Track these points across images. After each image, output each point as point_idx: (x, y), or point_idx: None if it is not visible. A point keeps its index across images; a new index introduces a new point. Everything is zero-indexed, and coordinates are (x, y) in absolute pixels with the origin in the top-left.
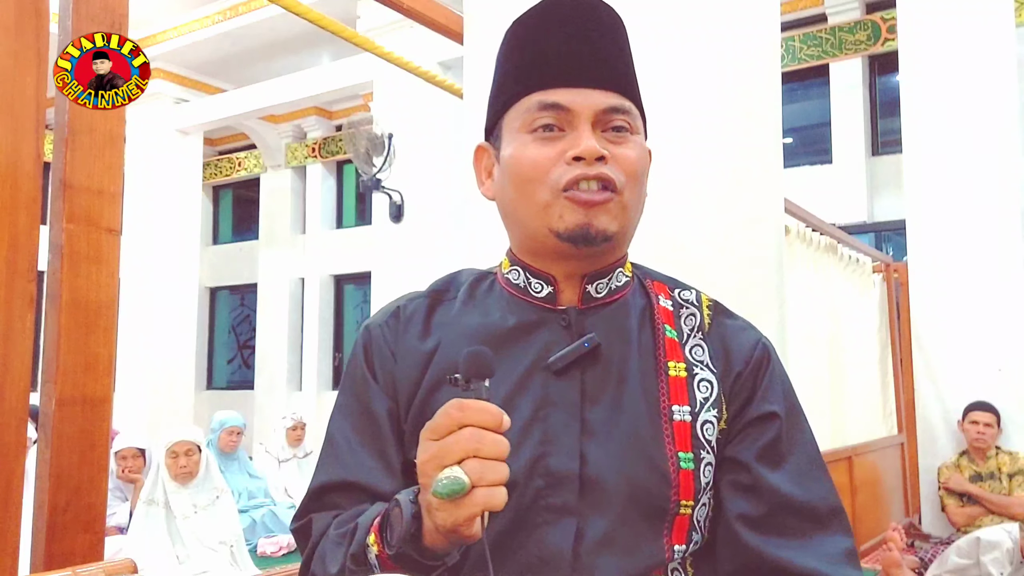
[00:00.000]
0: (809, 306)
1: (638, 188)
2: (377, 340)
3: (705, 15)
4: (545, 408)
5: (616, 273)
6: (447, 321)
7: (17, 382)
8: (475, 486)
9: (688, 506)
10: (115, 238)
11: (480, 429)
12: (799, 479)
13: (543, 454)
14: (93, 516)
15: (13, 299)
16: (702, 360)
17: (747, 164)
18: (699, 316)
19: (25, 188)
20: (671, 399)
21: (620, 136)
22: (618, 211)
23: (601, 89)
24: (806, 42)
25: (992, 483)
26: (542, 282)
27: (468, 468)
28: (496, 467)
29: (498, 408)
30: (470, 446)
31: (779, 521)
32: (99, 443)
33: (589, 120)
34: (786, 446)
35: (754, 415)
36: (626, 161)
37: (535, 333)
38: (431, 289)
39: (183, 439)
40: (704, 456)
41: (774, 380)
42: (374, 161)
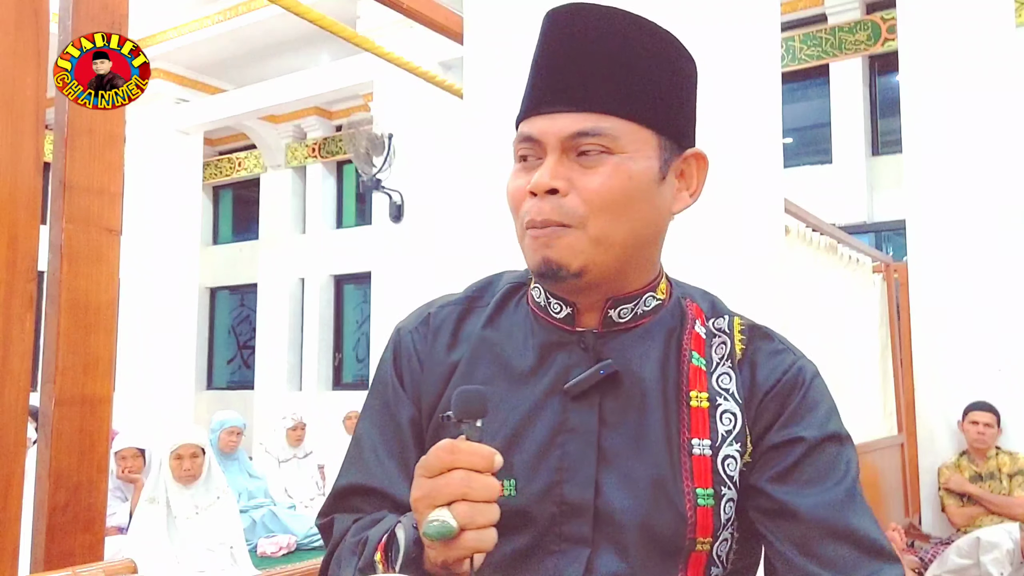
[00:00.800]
0: (809, 306)
1: (609, 216)
2: (407, 346)
3: (705, 15)
4: (562, 434)
5: (644, 298)
6: (474, 333)
7: (17, 382)
8: (464, 529)
9: (705, 543)
10: (115, 238)
11: (470, 472)
12: (834, 505)
13: (558, 481)
14: (93, 516)
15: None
16: (728, 389)
17: (747, 164)
18: (730, 343)
19: (25, 188)
20: (691, 432)
21: (592, 160)
22: (578, 244)
23: (572, 111)
24: (806, 42)
25: (992, 483)
26: (561, 303)
27: (457, 511)
28: (485, 510)
29: (489, 449)
30: (459, 489)
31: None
32: (99, 443)
33: (557, 148)
34: (814, 472)
35: (777, 440)
36: (587, 192)
37: (554, 355)
38: (465, 295)
39: (188, 442)
40: (725, 492)
41: (806, 405)
42: (374, 161)
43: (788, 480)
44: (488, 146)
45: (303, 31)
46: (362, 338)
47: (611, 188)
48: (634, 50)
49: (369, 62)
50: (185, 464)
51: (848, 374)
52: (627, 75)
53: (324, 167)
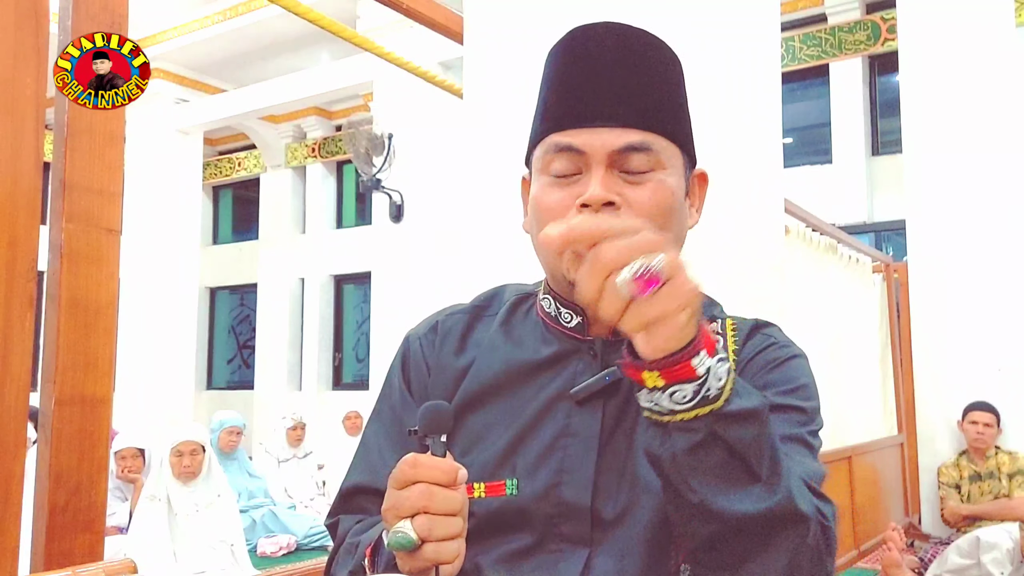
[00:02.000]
0: (809, 306)
1: (659, 231)
2: (415, 352)
3: (705, 15)
4: (565, 437)
5: None
6: (483, 341)
7: (17, 382)
8: (424, 541)
9: None
10: (115, 238)
11: (431, 486)
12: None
13: (558, 483)
14: (93, 516)
15: (13, 299)
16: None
17: (747, 164)
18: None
19: (25, 188)
20: None
21: (639, 177)
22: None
23: (619, 127)
24: (806, 42)
25: (992, 483)
26: (572, 312)
27: (417, 524)
28: (446, 523)
29: (452, 464)
30: (420, 503)
31: None
32: (99, 443)
33: (603, 162)
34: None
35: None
36: (639, 205)
37: (564, 362)
38: (473, 304)
39: (189, 439)
40: None
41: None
42: (374, 161)
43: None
44: (488, 146)
45: (303, 31)
46: (362, 338)
47: (659, 203)
48: (656, 68)
49: (369, 62)
50: (185, 461)
51: (848, 374)
52: (659, 95)
53: (324, 167)
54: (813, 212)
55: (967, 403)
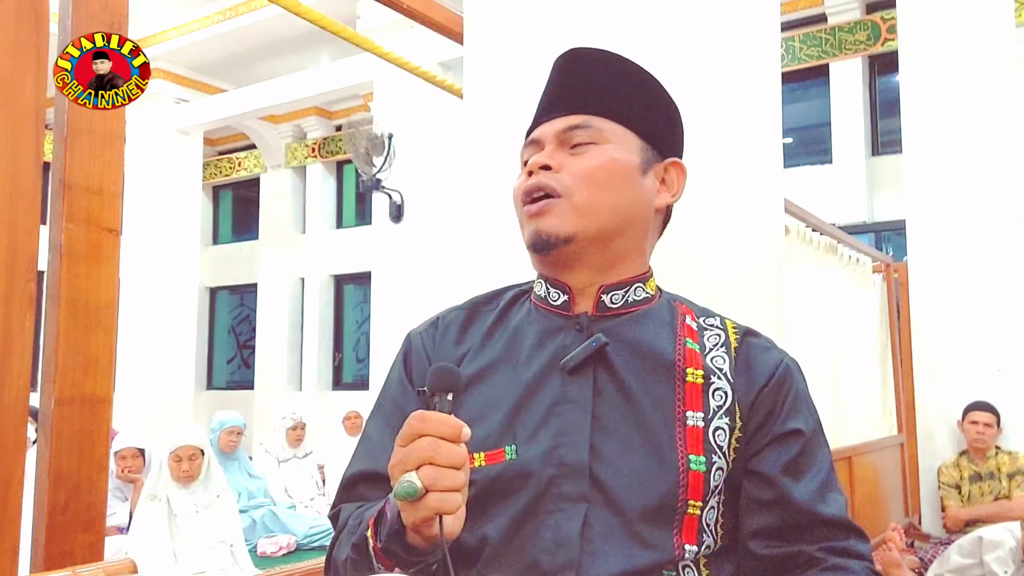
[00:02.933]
0: (809, 306)
1: (592, 187)
2: (416, 347)
3: (705, 15)
4: (561, 404)
5: (634, 287)
6: (481, 330)
7: (17, 382)
8: (428, 490)
9: (696, 506)
10: (115, 238)
11: (437, 439)
12: (820, 495)
13: (557, 445)
14: (93, 516)
15: (13, 299)
16: (721, 368)
17: (747, 164)
18: (724, 335)
19: (25, 188)
20: (686, 405)
21: (580, 149)
22: (567, 213)
23: (566, 114)
24: (806, 42)
25: (992, 483)
26: (558, 291)
27: (423, 474)
28: (450, 474)
29: (457, 420)
30: (426, 454)
31: (802, 531)
32: (99, 443)
33: (552, 142)
34: (807, 463)
35: (778, 432)
36: (575, 166)
37: (552, 337)
38: (472, 301)
39: (187, 443)
40: (716, 460)
41: (798, 399)
42: (374, 161)
43: (792, 470)
44: (488, 146)
45: (303, 31)
46: (362, 338)
47: (594, 166)
48: (622, 73)
49: (369, 62)
50: (184, 466)
51: (848, 374)
52: (613, 88)
53: (324, 167)
54: (813, 212)
55: (967, 403)
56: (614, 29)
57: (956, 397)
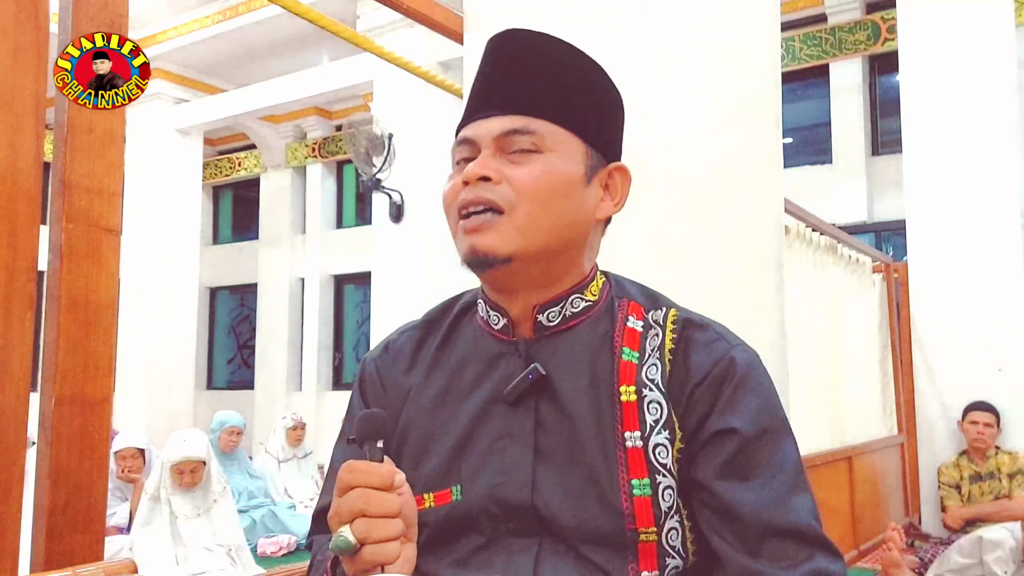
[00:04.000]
0: (809, 306)
1: (535, 204)
2: (370, 373)
3: (705, 15)
4: (502, 439)
5: (571, 300)
6: (428, 356)
7: (17, 382)
8: (363, 543)
9: (650, 532)
10: (115, 238)
11: (367, 489)
12: (775, 500)
13: (499, 483)
14: (93, 516)
15: (13, 299)
16: (653, 379)
17: (747, 164)
18: (661, 335)
19: (25, 188)
20: (624, 425)
21: (521, 157)
22: (507, 232)
23: (505, 114)
24: (806, 42)
25: (992, 483)
26: (498, 314)
27: (355, 527)
28: (382, 524)
29: (387, 468)
30: (356, 506)
31: (756, 543)
32: (99, 443)
33: (490, 146)
34: (754, 466)
35: (711, 431)
36: (516, 179)
37: (495, 365)
38: (424, 319)
39: (189, 457)
40: (661, 480)
41: (740, 395)
42: (374, 161)
43: (728, 475)
44: None
45: (303, 31)
46: (362, 338)
47: (537, 179)
48: (564, 66)
49: (369, 62)
50: (186, 478)
51: (848, 374)
52: (556, 86)
53: (324, 167)
54: (813, 212)
55: (967, 403)
56: (614, 29)
57: (956, 397)
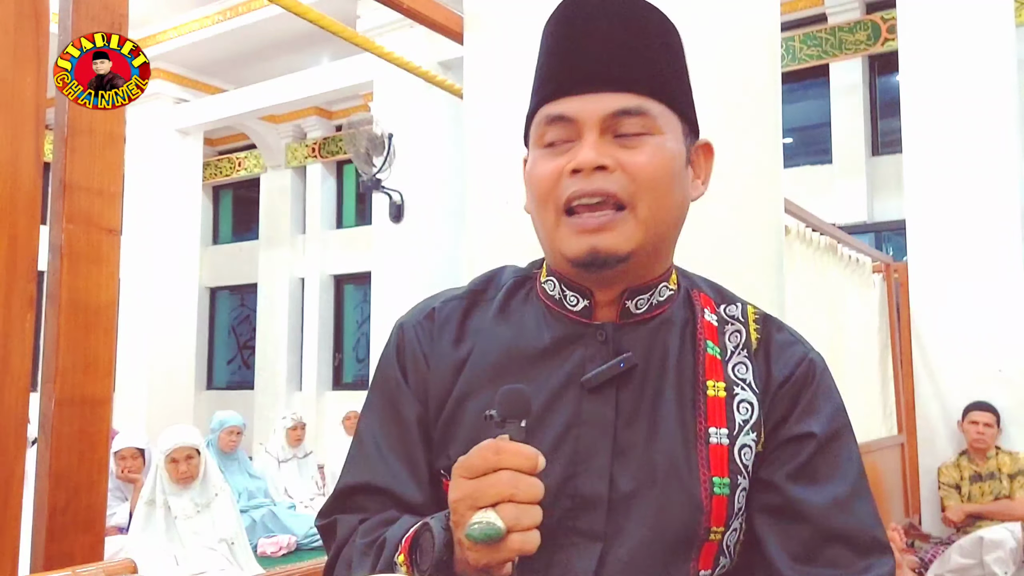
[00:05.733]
0: (809, 306)
1: (655, 195)
2: (411, 342)
3: (705, 15)
4: (577, 427)
5: (659, 288)
6: (482, 327)
7: (17, 382)
8: (511, 531)
9: (718, 532)
10: (115, 238)
11: (517, 472)
12: (839, 505)
13: (573, 475)
14: (93, 516)
15: (13, 299)
16: (744, 379)
17: (747, 164)
18: (744, 332)
19: (25, 188)
20: (708, 421)
21: (634, 141)
22: (629, 228)
23: (611, 91)
24: (806, 42)
25: (992, 483)
26: (578, 295)
27: (504, 513)
28: (531, 511)
29: (534, 451)
30: (506, 490)
31: (817, 548)
32: (99, 443)
33: (596, 128)
34: (825, 469)
35: (790, 434)
36: (635, 168)
37: (571, 348)
38: (469, 289)
39: (181, 444)
40: (740, 482)
41: (817, 399)
42: (374, 161)
43: (800, 477)
44: (488, 146)
45: (303, 31)
46: (362, 338)
47: (656, 166)
48: (651, 32)
49: (369, 62)
50: (181, 467)
51: (848, 374)
52: (656, 60)
53: (324, 167)
54: (813, 212)
55: (967, 403)
56: None
57: (956, 397)
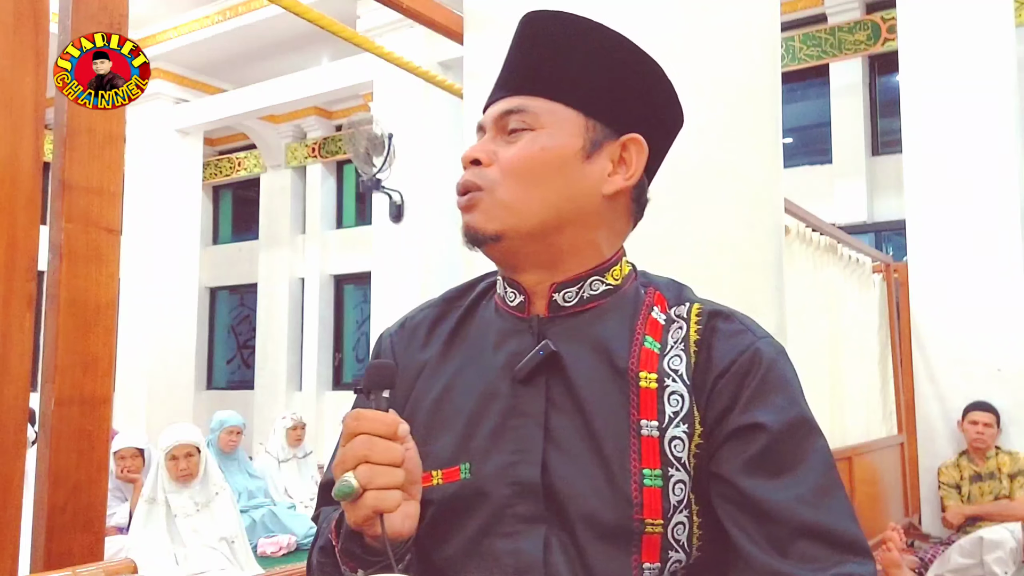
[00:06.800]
0: (809, 306)
1: (519, 182)
2: (386, 349)
3: (705, 16)
4: (514, 417)
5: (590, 281)
6: (445, 332)
7: (16, 382)
8: (365, 489)
9: (656, 525)
10: (115, 238)
11: (373, 436)
12: (804, 500)
13: (511, 463)
14: (93, 516)
15: (12, 299)
16: (676, 370)
17: (747, 164)
18: (685, 327)
19: (25, 188)
20: (640, 413)
21: (514, 136)
22: (491, 208)
23: (507, 96)
24: (806, 42)
25: (992, 483)
26: (515, 291)
27: (358, 472)
28: (386, 472)
29: (393, 417)
30: (361, 452)
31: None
32: (99, 443)
33: (492, 129)
34: (784, 463)
35: (736, 425)
36: (502, 159)
37: (507, 342)
38: (443, 298)
39: (182, 442)
40: (673, 474)
41: (766, 389)
42: (374, 161)
43: (755, 472)
44: None
45: (303, 31)
46: (362, 338)
47: (520, 156)
48: (570, 40)
49: (369, 62)
50: (181, 464)
51: (848, 374)
52: (556, 61)
53: (324, 167)
54: (813, 212)
55: (967, 403)
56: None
57: (956, 397)
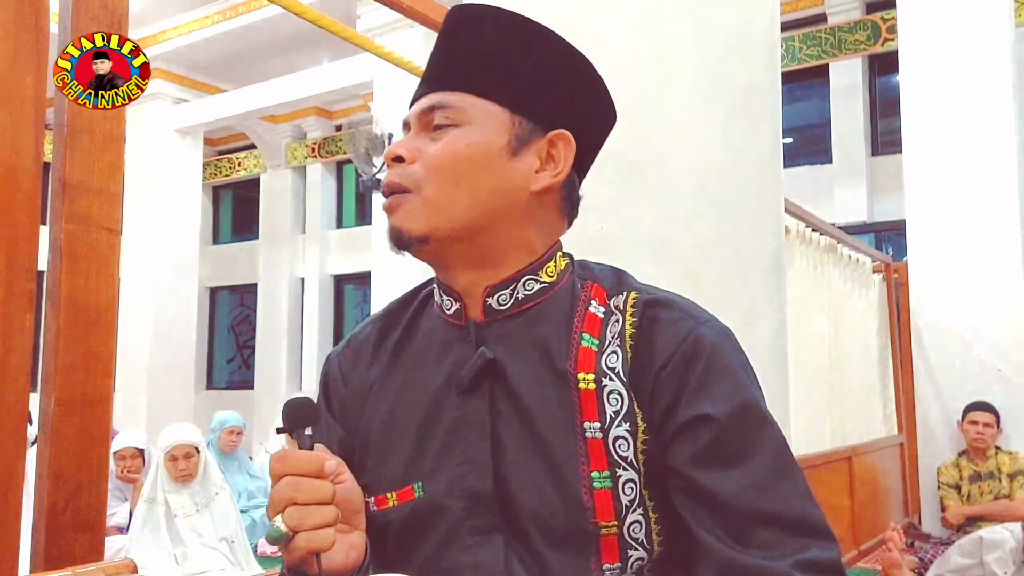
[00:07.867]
0: (809, 306)
1: (442, 179)
2: (333, 371)
3: (705, 16)
4: (461, 429)
5: (523, 281)
6: (390, 347)
7: (17, 382)
8: (295, 532)
9: (611, 526)
10: (115, 238)
11: (297, 477)
12: (757, 487)
13: (461, 475)
14: (93, 516)
15: (12, 299)
16: (613, 368)
17: (747, 164)
18: (621, 320)
19: (25, 188)
20: (583, 415)
21: (439, 133)
22: (417, 209)
23: (431, 92)
24: (806, 42)
25: (992, 483)
26: (450, 299)
27: (286, 516)
28: (316, 511)
29: (317, 455)
30: (287, 494)
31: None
32: (99, 443)
33: (416, 125)
34: (733, 451)
35: (684, 419)
36: (427, 156)
37: (448, 352)
38: (384, 311)
39: (181, 442)
40: (622, 474)
41: (710, 377)
42: (374, 161)
43: (707, 463)
44: None
45: (303, 31)
46: None
47: (445, 153)
48: (496, 37)
49: (369, 62)
50: (180, 465)
51: (848, 374)
52: (478, 56)
53: (324, 167)
54: (813, 212)
55: (967, 403)
56: (613, 30)
57: (956, 397)
